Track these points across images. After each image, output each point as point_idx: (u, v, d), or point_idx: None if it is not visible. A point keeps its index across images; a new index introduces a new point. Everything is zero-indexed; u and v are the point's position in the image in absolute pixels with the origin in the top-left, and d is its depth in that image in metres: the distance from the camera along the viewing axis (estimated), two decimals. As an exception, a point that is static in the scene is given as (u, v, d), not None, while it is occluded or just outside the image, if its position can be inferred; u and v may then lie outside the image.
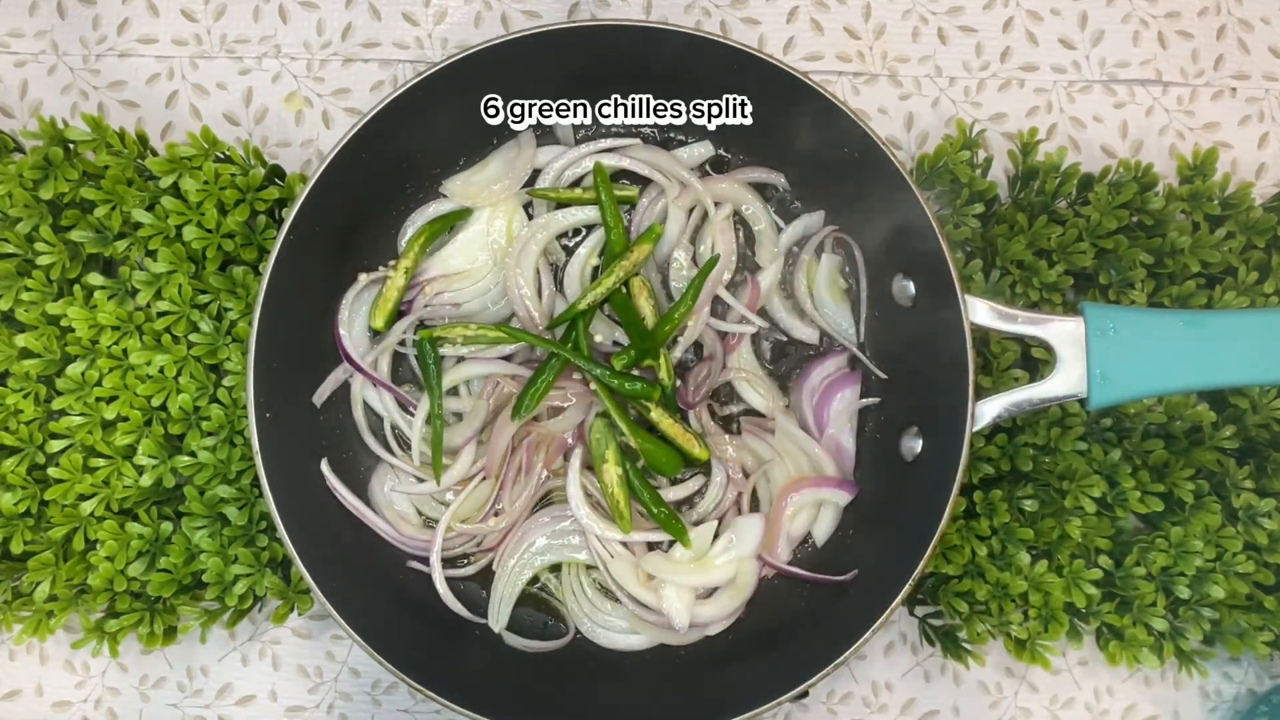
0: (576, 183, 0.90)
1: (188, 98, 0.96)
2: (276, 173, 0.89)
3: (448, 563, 0.86)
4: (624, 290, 0.87)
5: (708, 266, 0.87)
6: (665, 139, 0.91)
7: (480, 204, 0.89)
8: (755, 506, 0.89)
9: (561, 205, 0.89)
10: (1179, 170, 0.91)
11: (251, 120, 0.96)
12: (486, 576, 0.87)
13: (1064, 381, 0.74)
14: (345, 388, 0.87)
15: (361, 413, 0.87)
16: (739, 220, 0.91)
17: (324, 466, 0.84)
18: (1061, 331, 0.74)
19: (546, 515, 0.86)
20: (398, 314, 0.87)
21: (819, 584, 0.86)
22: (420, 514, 0.88)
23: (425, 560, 0.85)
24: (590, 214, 0.89)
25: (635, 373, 0.85)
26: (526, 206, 0.90)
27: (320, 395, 0.85)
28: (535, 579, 0.87)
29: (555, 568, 0.88)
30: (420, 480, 0.86)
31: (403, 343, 0.88)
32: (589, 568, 0.87)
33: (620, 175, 0.90)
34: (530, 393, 0.84)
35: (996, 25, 0.98)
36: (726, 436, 0.88)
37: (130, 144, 0.86)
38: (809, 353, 0.91)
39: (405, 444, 0.88)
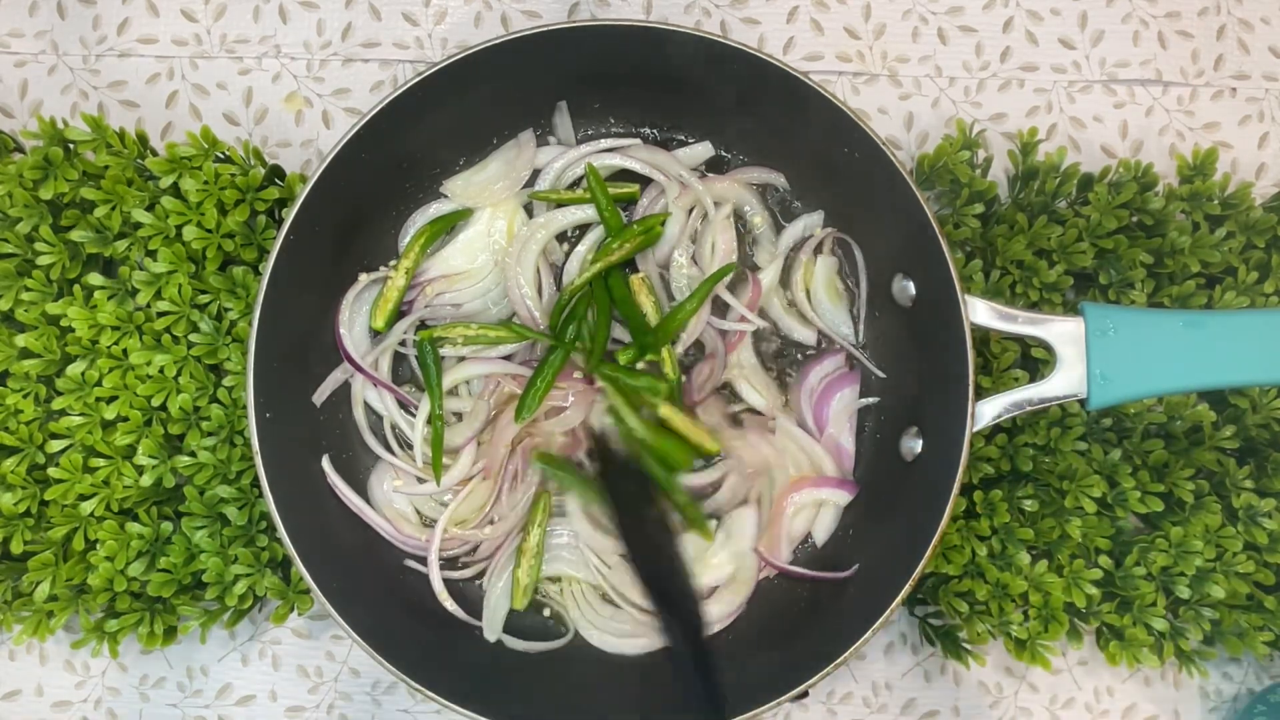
0: (577, 183, 0.90)
1: (188, 98, 0.96)
2: (276, 173, 0.89)
3: (446, 564, 0.86)
4: (626, 288, 0.87)
5: (722, 272, 0.87)
6: (665, 139, 0.91)
7: (481, 204, 0.89)
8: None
9: (563, 205, 0.89)
10: (1179, 170, 0.91)
11: (251, 120, 0.96)
12: (484, 579, 0.87)
13: (1064, 382, 0.74)
14: (345, 388, 0.87)
15: (362, 412, 0.87)
16: (739, 219, 0.91)
17: (325, 463, 0.84)
18: (1061, 332, 0.74)
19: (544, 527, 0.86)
20: (398, 314, 0.87)
21: (820, 581, 0.85)
22: (419, 514, 0.88)
23: (423, 560, 0.85)
24: (590, 212, 0.89)
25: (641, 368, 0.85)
26: (527, 207, 0.90)
27: (320, 395, 0.85)
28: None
29: (553, 578, 0.88)
30: (421, 480, 0.87)
31: (403, 343, 0.88)
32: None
33: (621, 174, 0.90)
34: (532, 393, 0.84)
35: (996, 25, 0.98)
36: (736, 431, 0.88)
37: (130, 144, 0.86)
38: (808, 353, 0.91)
39: (406, 444, 0.88)
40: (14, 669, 0.91)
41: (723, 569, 0.86)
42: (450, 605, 0.84)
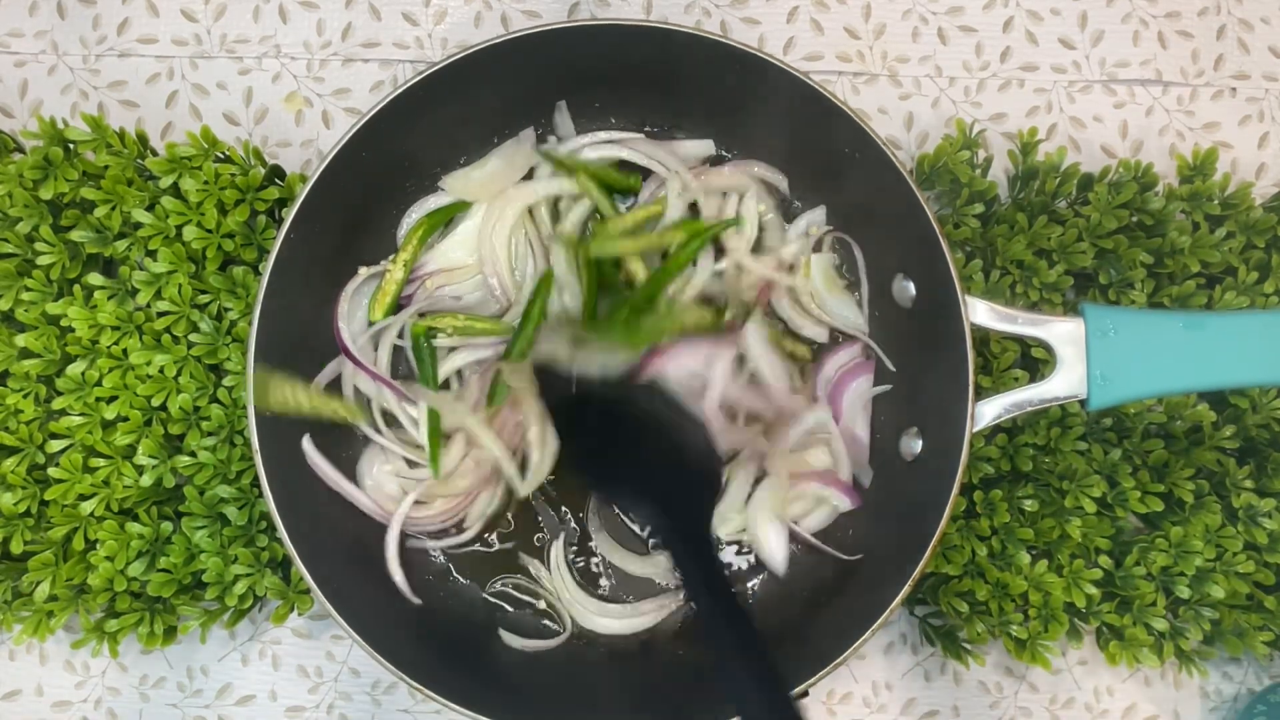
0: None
1: (188, 98, 0.96)
2: (276, 173, 0.89)
3: (440, 534, 0.87)
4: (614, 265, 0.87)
5: (722, 224, 0.86)
6: (665, 139, 0.91)
7: (479, 198, 0.88)
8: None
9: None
10: (1179, 170, 0.91)
11: (251, 120, 0.96)
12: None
13: (1064, 382, 0.74)
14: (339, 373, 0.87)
15: (351, 394, 0.87)
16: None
17: (305, 443, 0.83)
18: (1061, 332, 0.74)
19: None
20: (397, 307, 0.87)
21: (819, 580, 0.85)
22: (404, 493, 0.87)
23: (418, 536, 0.86)
24: (568, 185, 0.88)
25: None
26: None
27: (319, 383, 0.85)
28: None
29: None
30: (411, 464, 0.87)
31: (400, 336, 0.88)
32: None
33: (620, 167, 0.90)
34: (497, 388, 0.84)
35: (996, 25, 0.98)
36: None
37: (130, 144, 0.86)
38: (820, 347, 0.90)
39: (390, 422, 0.87)
40: (14, 669, 0.91)
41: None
42: (398, 577, 0.84)
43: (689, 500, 0.73)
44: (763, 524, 0.85)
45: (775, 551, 0.85)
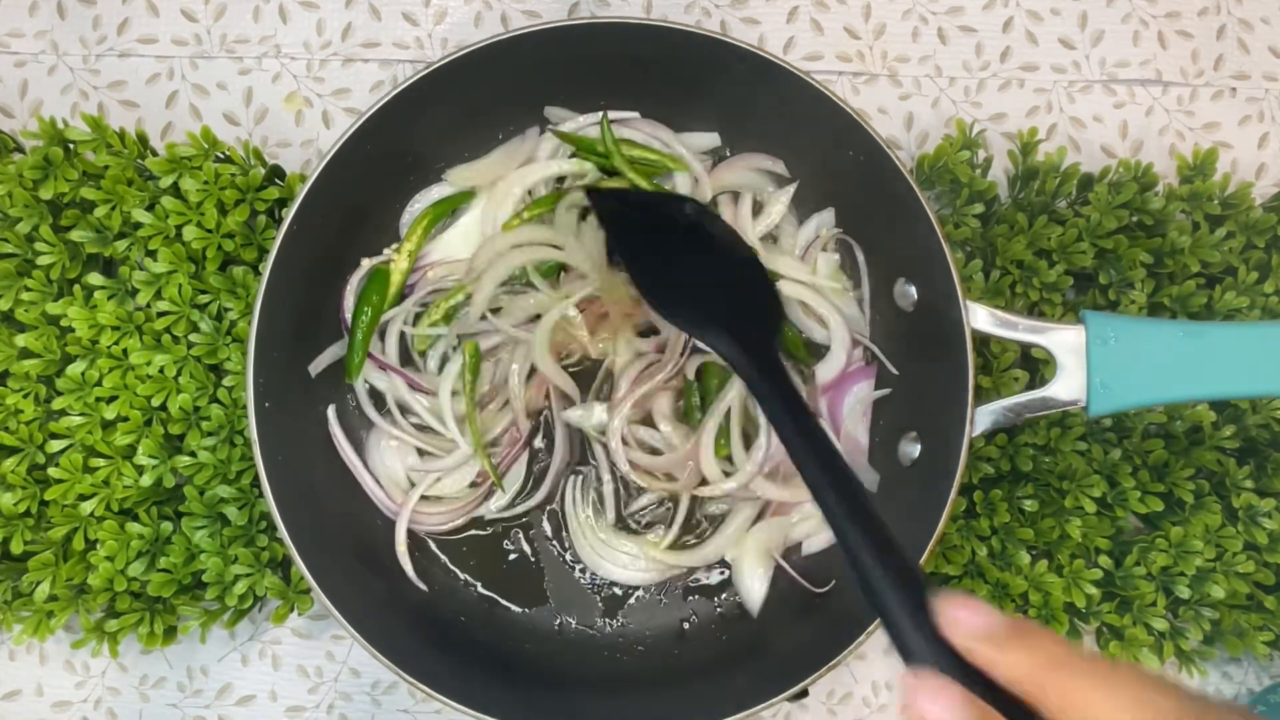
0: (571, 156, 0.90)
1: (188, 98, 0.96)
2: (276, 173, 0.89)
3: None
4: None
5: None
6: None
7: (481, 184, 0.89)
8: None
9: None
10: (1179, 170, 0.91)
11: (251, 120, 0.96)
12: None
13: (1064, 389, 0.74)
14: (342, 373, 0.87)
15: (364, 390, 0.87)
16: (756, 207, 0.90)
17: (330, 412, 0.85)
18: (1062, 340, 0.74)
19: None
20: (401, 298, 0.87)
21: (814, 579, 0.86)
22: (411, 484, 0.88)
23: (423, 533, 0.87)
24: (578, 165, 0.88)
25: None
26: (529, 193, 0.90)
27: (317, 366, 0.85)
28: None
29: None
30: (422, 454, 0.87)
31: (405, 322, 0.88)
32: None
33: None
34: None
35: (996, 25, 0.98)
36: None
37: (130, 144, 0.86)
38: (822, 352, 0.90)
39: (406, 410, 0.88)
40: (14, 669, 0.91)
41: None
42: (403, 556, 0.85)
43: (754, 323, 0.72)
44: (751, 564, 0.85)
45: (755, 593, 0.85)
